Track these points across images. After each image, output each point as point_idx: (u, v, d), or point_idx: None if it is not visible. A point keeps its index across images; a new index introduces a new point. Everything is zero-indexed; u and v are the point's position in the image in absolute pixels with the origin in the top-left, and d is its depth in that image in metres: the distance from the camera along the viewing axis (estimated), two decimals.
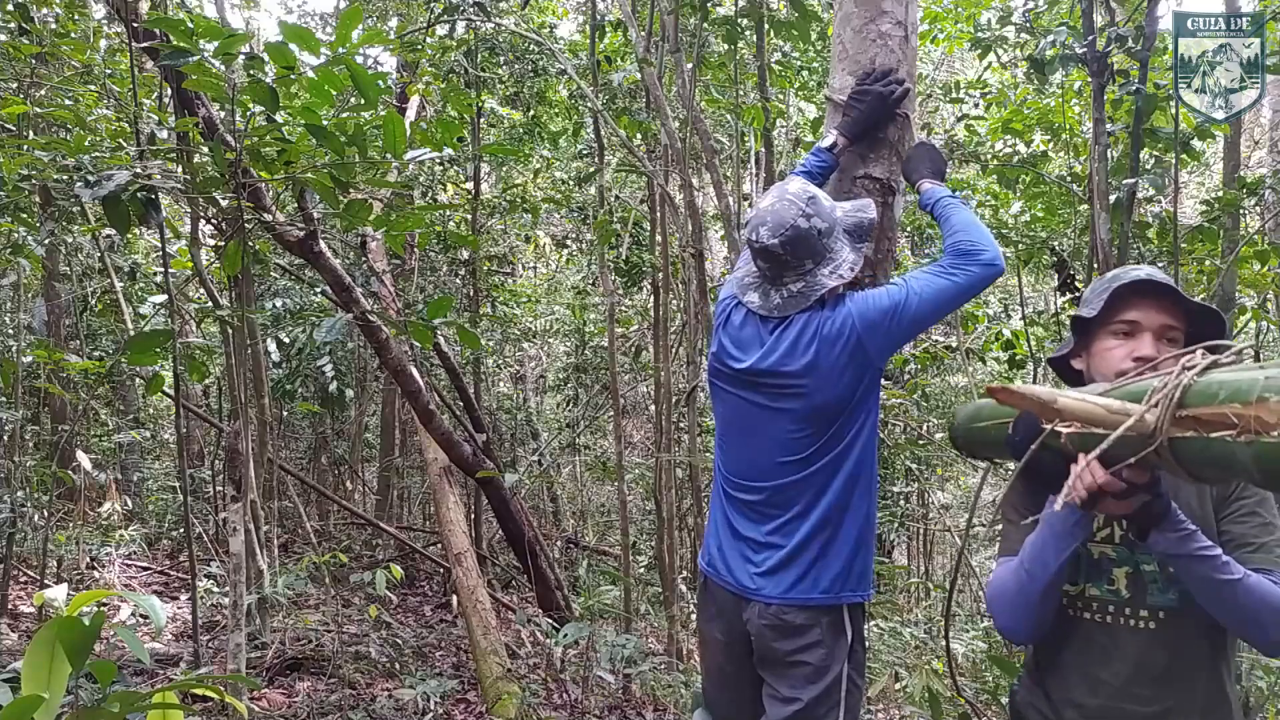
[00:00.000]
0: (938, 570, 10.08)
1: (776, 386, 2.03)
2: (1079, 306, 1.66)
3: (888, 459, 7.49)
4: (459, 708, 4.37)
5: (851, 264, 2.01)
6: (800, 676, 2.00)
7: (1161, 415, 1.17)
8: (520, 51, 6.05)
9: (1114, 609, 1.55)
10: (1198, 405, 1.14)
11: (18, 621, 4.99)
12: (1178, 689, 1.52)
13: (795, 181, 2.06)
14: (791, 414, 2.02)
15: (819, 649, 2.00)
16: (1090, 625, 1.57)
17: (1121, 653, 1.54)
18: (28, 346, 5.12)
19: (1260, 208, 5.44)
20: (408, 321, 2.96)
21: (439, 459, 5.67)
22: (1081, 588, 1.58)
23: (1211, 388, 1.14)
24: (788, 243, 1.97)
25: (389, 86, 5.24)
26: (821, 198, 2.02)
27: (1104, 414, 1.27)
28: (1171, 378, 1.19)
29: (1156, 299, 1.55)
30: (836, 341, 1.95)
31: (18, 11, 3.77)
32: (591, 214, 6.25)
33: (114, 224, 2.65)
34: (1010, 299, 7.82)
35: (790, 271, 2.02)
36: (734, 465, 2.16)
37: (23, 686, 1.46)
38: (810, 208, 1.98)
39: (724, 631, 2.15)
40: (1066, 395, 1.34)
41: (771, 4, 4.62)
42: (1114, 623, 1.55)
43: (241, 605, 3.30)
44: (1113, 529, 1.58)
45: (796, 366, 1.99)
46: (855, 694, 2.03)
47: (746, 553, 2.09)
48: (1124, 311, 1.56)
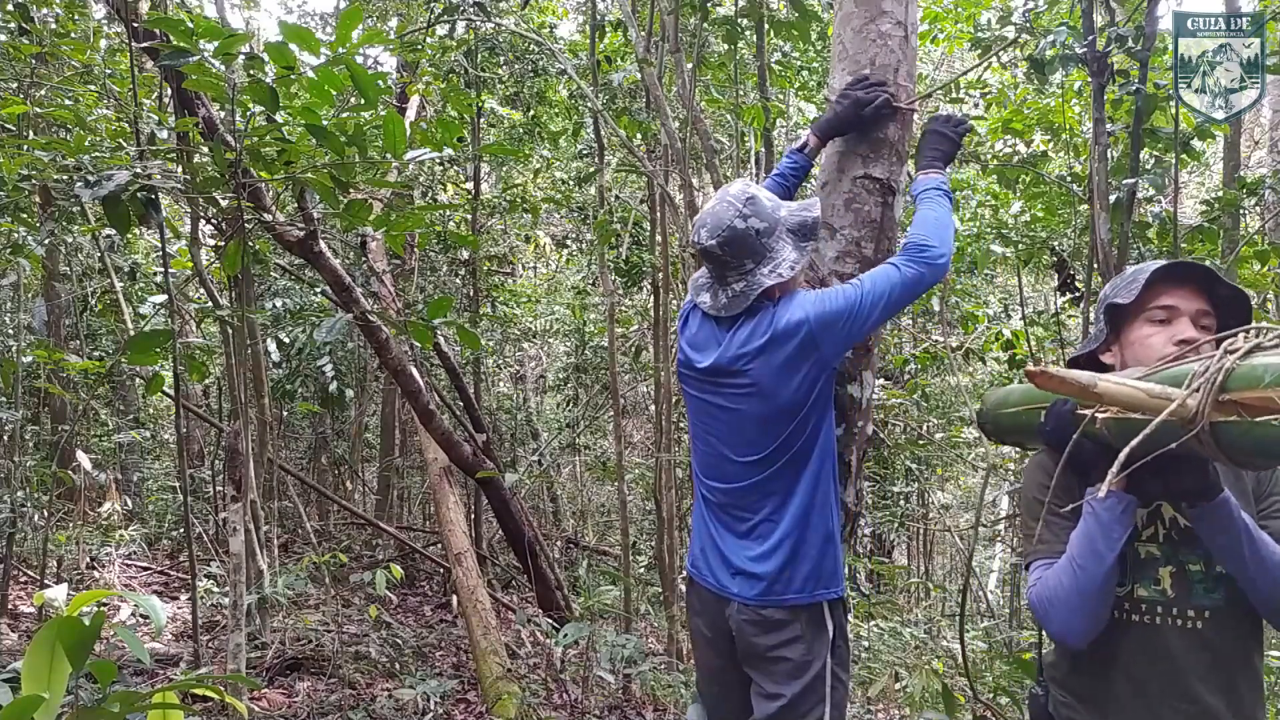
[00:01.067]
0: (938, 570, 10.08)
1: (733, 386, 2.05)
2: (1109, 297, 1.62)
3: (888, 459, 7.49)
4: (459, 708, 4.37)
5: (792, 263, 2.02)
6: (782, 672, 2.02)
7: (1203, 399, 1.15)
8: (520, 51, 6.05)
9: (1161, 609, 1.53)
10: (1241, 389, 1.12)
11: (18, 621, 4.99)
12: (1220, 689, 1.51)
13: (737, 183, 2.09)
14: (748, 414, 2.04)
15: (799, 644, 2.01)
16: (1137, 627, 1.54)
17: (1167, 654, 1.52)
18: (28, 346, 5.12)
19: (1260, 208, 5.44)
20: (408, 321, 2.96)
21: (439, 459, 5.67)
22: (1130, 588, 1.55)
23: (1256, 371, 1.11)
24: (725, 243, 2.00)
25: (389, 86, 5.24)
26: (762, 198, 2.04)
27: (1145, 398, 1.24)
28: (1214, 361, 1.17)
29: (1191, 284, 1.54)
30: (789, 339, 1.96)
31: (18, 11, 3.77)
32: (591, 214, 6.25)
33: (114, 224, 2.65)
34: (1010, 299, 7.83)
35: (732, 271, 2.04)
36: (704, 467, 2.20)
37: (23, 686, 1.46)
38: (748, 208, 2.00)
39: (709, 628, 2.18)
40: (1107, 379, 1.30)
41: (771, 4, 4.61)
42: (1161, 623, 1.53)
43: (241, 605, 3.30)
44: (1156, 527, 1.56)
45: (749, 364, 2.01)
46: (841, 689, 2.04)
47: (723, 553, 2.13)
48: (1160, 297, 1.54)
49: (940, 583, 8.71)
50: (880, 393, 5.95)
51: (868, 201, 2.24)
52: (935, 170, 2.13)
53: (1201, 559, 1.52)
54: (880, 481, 7.76)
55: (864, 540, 8.23)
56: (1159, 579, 1.54)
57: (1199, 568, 1.52)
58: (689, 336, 2.19)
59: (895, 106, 2.23)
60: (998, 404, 1.84)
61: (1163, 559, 1.54)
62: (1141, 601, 1.54)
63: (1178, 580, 1.53)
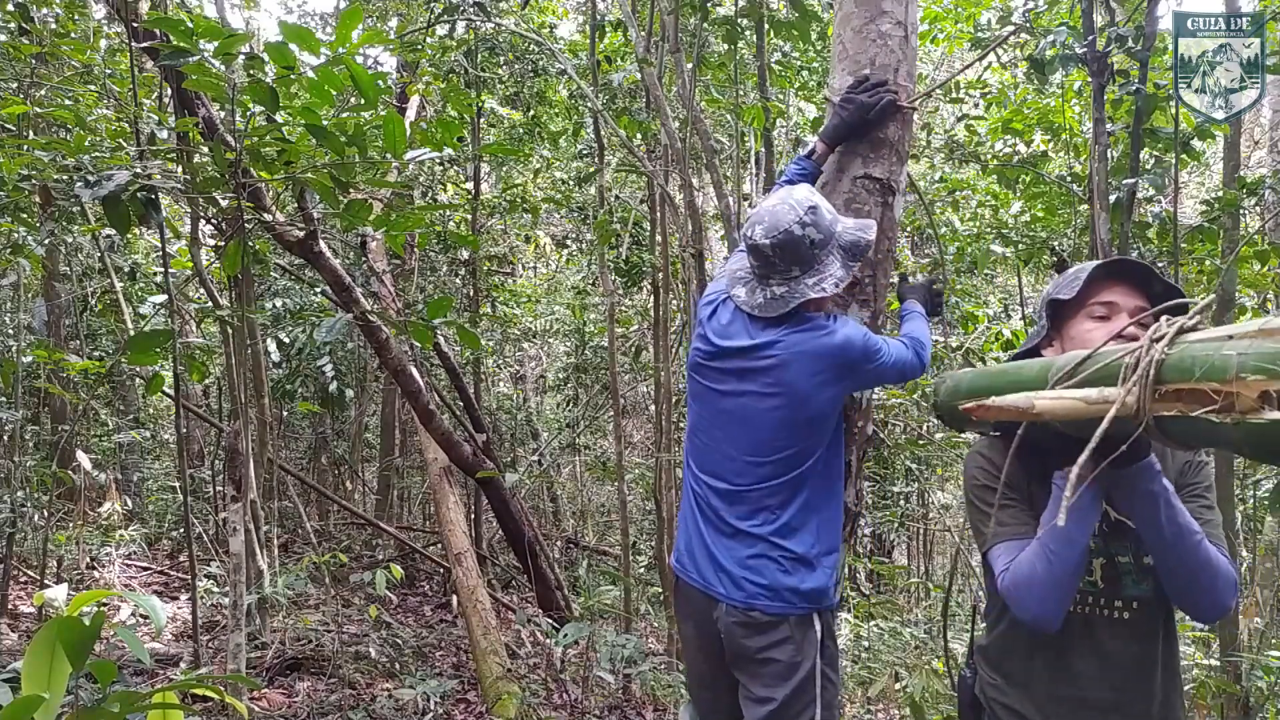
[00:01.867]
0: (938, 570, 10.08)
1: (761, 379, 2.05)
2: (1051, 294, 1.68)
3: (888, 459, 7.49)
4: (459, 708, 4.37)
5: (838, 280, 2.02)
6: (772, 674, 2.01)
7: (1141, 395, 1.14)
8: (520, 51, 6.05)
9: (1091, 599, 1.58)
10: (1176, 380, 1.11)
11: (18, 621, 4.99)
12: (1143, 679, 1.56)
13: (803, 188, 2.06)
14: (769, 414, 2.03)
15: (788, 645, 2.00)
16: (1070, 616, 1.57)
17: (1095, 643, 1.57)
18: (28, 346, 5.12)
19: (1260, 208, 5.44)
20: (408, 321, 2.96)
21: (439, 459, 5.67)
22: None
23: (1185, 362, 1.11)
24: (778, 245, 1.99)
25: (389, 86, 5.24)
26: (824, 209, 2.03)
27: (1084, 407, 1.25)
28: (1143, 353, 1.16)
29: (1129, 281, 1.59)
30: (837, 355, 1.98)
31: (18, 11, 3.77)
32: (591, 214, 6.25)
33: (114, 224, 2.65)
34: (1010, 299, 7.83)
35: (776, 274, 2.03)
36: (702, 462, 2.18)
37: (23, 686, 1.46)
38: (809, 216, 1.99)
39: (697, 631, 2.16)
40: (1043, 397, 1.31)
41: (771, 4, 4.61)
42: (1091, 613, 1.58)
43: (241, 605, 3.30)
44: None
45: (784, 364, 2.01)
46: (831, 689, 2.03)
47: (711, 551, 2.11)
48: (1100, 294, 1.59)
49: (940, 583, 8.70)
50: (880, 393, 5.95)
51: (868, 201, 2.24)
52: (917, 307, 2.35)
53: (1131, 551, 1.57)
54: (880, 481, 7.76)
55: (864, 540, 8.23)
56: (1091, 569, 1.58)
57: (1128, 559, 1.57)
58: (717, 326, 2.16)
59: (898, 106, 2.23)
60: (951, 393, 1.84)
61: (1096, 551, 1.58)
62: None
63: (1108, 571, 1.58)
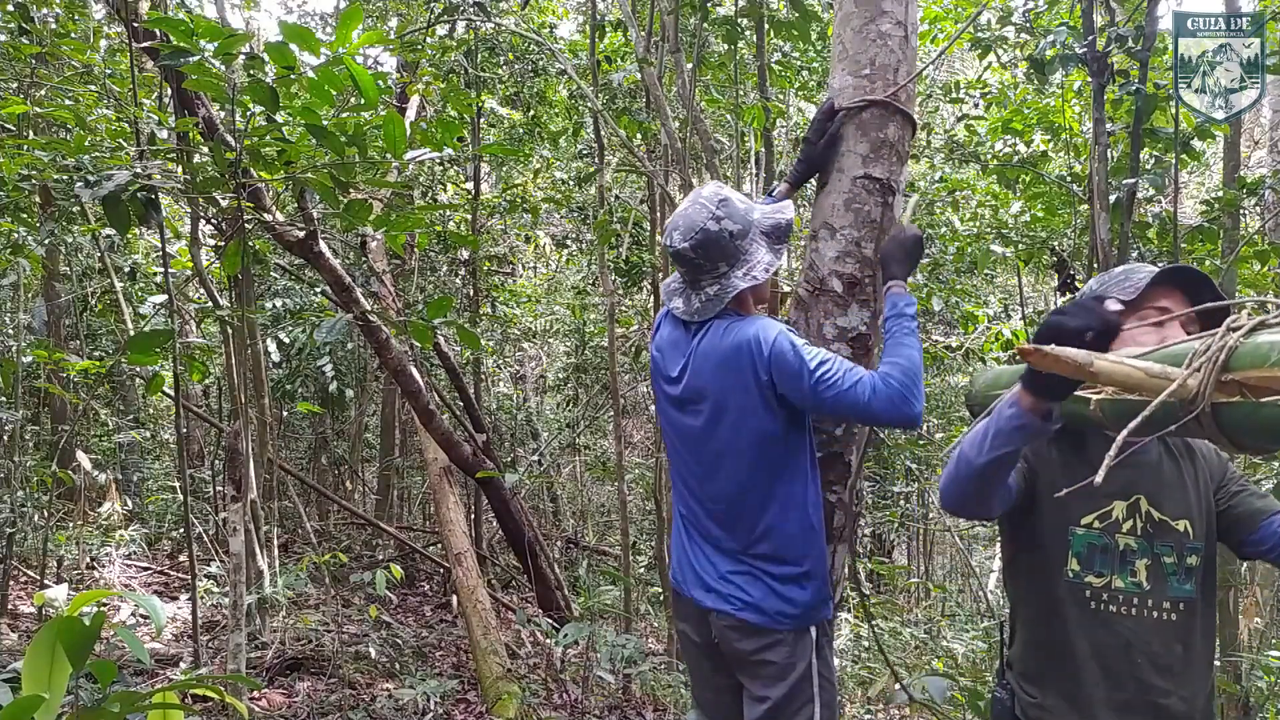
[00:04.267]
0: (938, 570, 10.08)
1: (696, 403, 2.03)
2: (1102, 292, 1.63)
3: (888, 459, 7.49)
4: (459, 708, 4.37)
5: (767, 265, 1.99)
6: (767, 675, 2.00)
7: (1205, 379, 1.10)
8: (520, 51, 6.05)
9: (1138, 601, 1.56)
10: (1245, 368, 1.08)
11: (18, 621, 4.99)
12: (1189, 679, 1.55)
13: (710, 185, 2.07)
14: (710, 443, 2.02)
15: (782, 648, 1.99)
16: (1115, 618, 1.57)
17: (1143, 645, 1.55)
18: (28, 346, 5.12)
19: (1260, 208, 5.44)
20: (408, 321, 2.96)
21: (439, 459, 5.67)
22: (1108, 579, 1.58)
23: (1261, 349, 1.06)
24: (699, 246, 1.98)
25: (389, 86, 5.24)
26: (735, 200, 2.02)
27: (1144, 378, 1.19)
28: (1215, 339, 1.12)
29: (1182, 289, 1.57)
30: (742, 357, 1.93)
31: (18, 11, 3.77)
32: (591, 214, 6.25)
33: (114, 224, 2.65)
34: (1010, 299, 7.83)
35: (705, 275, 2.02)
36: (677, 477, 2.18)
37: (23, 686, 1.46)
38: (721, 210, 1.98)
39: (696, 635, 2.17)
40: (1103, 358, 1.25)
41: (771, 4, 4.62)
42: (1138, 614, 1.56)
43: (241, 605, 3.30)
44: (1135, 520, 1.59)
45: (707, 381, 1.99)
46: (829, 689, 2.02)
47: (696, 568, 2.11)
48: (1158, 299, 1.57)
49: (940, 583, 8.70)
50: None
51: (868, 201, 2.23)
52: (901, 287, 2.01)
53: (1174, 551, 1.57)
54: (880, 481, 7.76)
55: (864, 540, 8.23)
56: (1135, 570, 1.57)
57: (1173, 559, 1.57)
58: (660, 343, 2.18)
59: (897, 107, 2.23)
60: (989, 385, 1.82)
61: (1140, 551, 1.57)
62: (1119, 593, 1.57)
63: (1153, 572, 1.57)
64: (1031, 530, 1.64)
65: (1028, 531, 1.65)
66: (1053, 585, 1.61)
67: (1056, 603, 1.61)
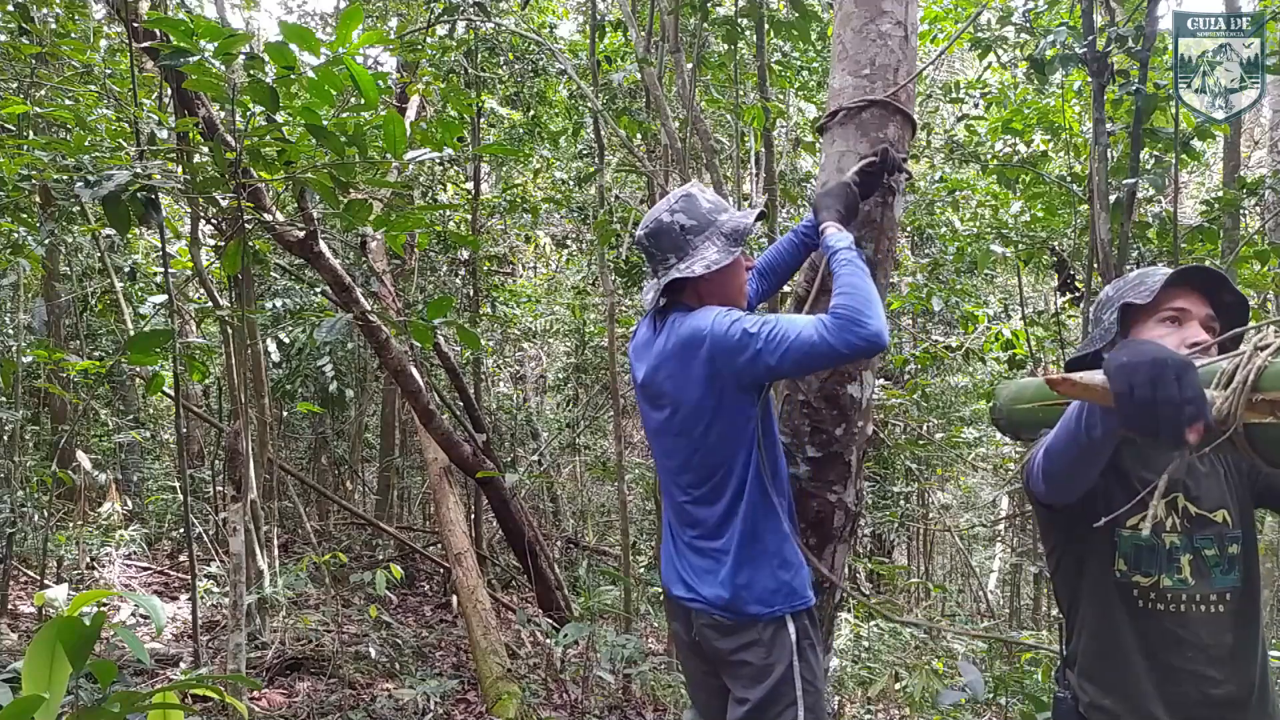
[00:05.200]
0: (938, 570, 10.09)
1: (658, 404, 2.06)
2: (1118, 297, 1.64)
3: (888, 459, 7.49)
4: (459, 708, 4.37)
5: (710, 262, 1.99)
6: (745, 676, 2.00)
7: (1235, 400, 1.11)
8: (520, 51, 6.05)
9: (1186, 597, 1.57)
10: (1275, 389, 1.09)
11: (18, 621, 4.99)
12: (1242, 668, 1.56)
13: (688, 185, 2.12)
14: (673, 431, 2.04)
15: (758, 648, 1.99)
16: (1164, 615, 1.57)
17: (1194, 639, 1.56)
18: (28, 346, 5.12)
19: (1260, 208, 5.44)
20: (408, 321, 2.96)
21: (439, 459, 5.67)
22: (1155, 579, 1.58)
23: None
24: (650, 235, 2.05)
25: (389, 86, 5.24)
26: (701, 199, 2.05)
27: None
28: (1244, 359, 1.13)
29: (1200, 288, 1.57)
30: (691, 349, 1.94)
31: (18, 11, 3.77)
32: (591, 214, 6.25)
33: (114, 224, 2.65)
34: (1010, 299, 7.83)
35: (659, 265, 2.07)
36: (661, 477, 2.20)
37: (23, 686, 1.46)
38: (680, 204, 2.04)
39: (685, 633, 2.18)
40: None
41: (771, 4, 4.62)
42: (1187, 610, 1.57)
43: (241, 605, 3.30)
44: (1174, 518, 1.60)
45: (665, 377, 2.02)
46: (814, 693, 1.98)
47: (676, 565, 2.14)
48: (1174, 300, 1.57)
49: (940, 583, 8.70)
50: (880, 393, 5.95)
51: (868, 201, 2.24)
52: (835, 224, 2.05)
53: (1215, 543, 1.57)
54: (880, 481, 7.76)
55: (864, 540, 8.23)
56: (1180, 568, 1.57)
57: (1214, 552, 1.57)
58: (634, 343, 2.21)
59: (897, 107, 2.23)
60: (1012, 399, 1.82)
61: (1182, 547, 1.58)
62: (1167, 591, 1.57)
63: (1196, 567, 1.57)
64: (1082, 532, 1.62)
65: (1078, 533, 1.64)
66: (1103, 585, 1.62)
67: (1108, 602, 1.62)
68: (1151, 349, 1.10)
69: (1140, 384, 1.08)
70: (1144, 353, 1.09)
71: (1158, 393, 1.06)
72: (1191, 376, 1.07)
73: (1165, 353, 1.08)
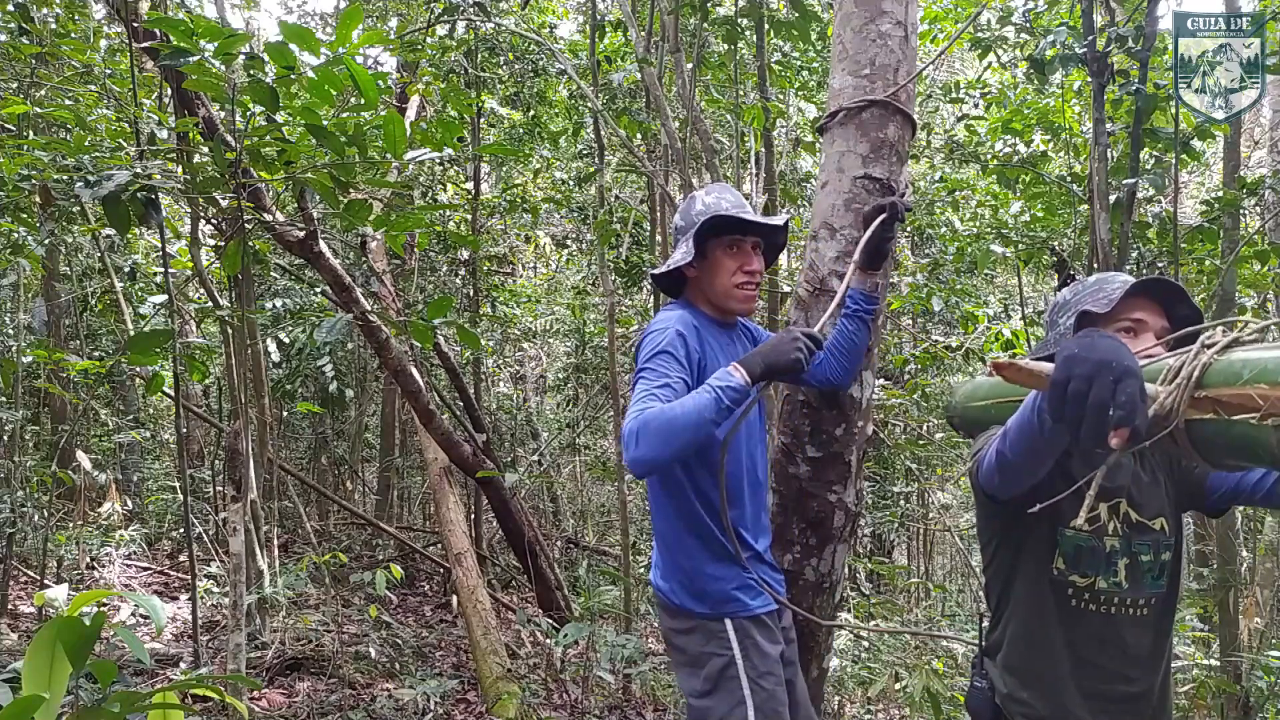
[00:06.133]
0: (938, 570, 10.08)
1: None
2: (1076, 303, 1.68)
3: (888, 459, 7.49)
4: (459, 708, 4.37)
5: (671, 263, 2.07)
6: (682, 663, 2.03)
7: (1179, 395, 1.11)
8: (520, 51, 6.05)
9: (1118, 600, 1.62)
10: (1219, 385, 1.08)
11: (18, 621, 4.99)
12: (1154, 668, 1.63)
13: (714, 185, 2.17)
14: None
15: (695, 636, 2.00)
16: (1094, 616, 1.62)
17: (1118, 639, 1.62)
18: (28, 346, 5.12)
19: (1260, 208, 5.44)
20: (408, 321, 2.96)
21: (439, 459, 5.67)
22: (1092, 580, 1.62)
23: (1234, 367, 1.07)
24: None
25: (389, 86, 5.24)
26: (701, 198, 2.09)
27: None
28: (1190, 356, 1.13)
29: (1157, 300, 1.61)
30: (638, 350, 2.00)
31: (18, 11, 3.77)
32: (591, 214, 6.25)
33: (114, 224, 2.65)
34: (1010, 299, 7.83)
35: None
36: None
37: (23, 686, 1.46)
38: (682, 205, 2.13)
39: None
40: None
41: (771, 4, 4.62)
42: (1117, 613, 1.62)
43: (241, 605, 3.30)
44: (1115, 522, 1.63)
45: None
46: (762, 694, 1.94)
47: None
48: (1132, 310, 1.61)
49: (940, 583, 8.70)
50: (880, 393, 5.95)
51: (868, 201, 2.24)
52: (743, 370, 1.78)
53: (1150, 549, 1.63)
54: (880, 481, 7.76)
55: (864, 540, 8.23)
56: (1117, 571, 1.62)
57: (1149, 557, 1.63)
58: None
59: (897, 107, 2.23)
60: (967, 397, 1.84)
61: (1121, 551, 1.62)
62: (1101, 593, 1.62)
63: (1132, 571, 1.62)
64: (1024, 527, 1.65)
65: (1020, 529, 1.67)
66: (1039, 581, 1.66)
67: (1040, 598, 1.66)
68: (1105, 348, 1.07)
69: (1078, 377, 1.06)
70: (1096, 348, 1.07)
71: (1091, 390, 1.04)
72: (1130, 384, 1.04)
73: (1115, 356, 1.06)
